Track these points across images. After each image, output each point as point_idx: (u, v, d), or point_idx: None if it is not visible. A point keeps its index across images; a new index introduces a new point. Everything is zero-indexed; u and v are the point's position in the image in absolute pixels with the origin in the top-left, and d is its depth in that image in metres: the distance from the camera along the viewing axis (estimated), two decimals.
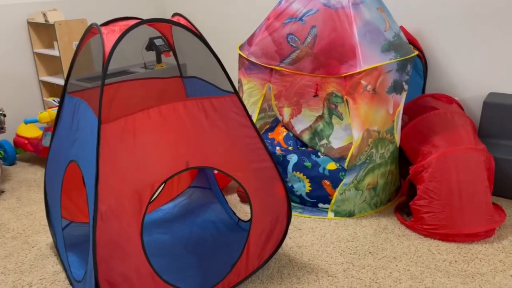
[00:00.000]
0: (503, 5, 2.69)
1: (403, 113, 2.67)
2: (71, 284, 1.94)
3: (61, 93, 1.95)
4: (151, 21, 1.71)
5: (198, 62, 2.29)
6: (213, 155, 1.73)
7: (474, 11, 2.80)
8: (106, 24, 1.76)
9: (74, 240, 2.10)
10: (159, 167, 1.62)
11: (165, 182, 1.63)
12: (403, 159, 2.60)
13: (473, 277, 1.92)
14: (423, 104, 2.69)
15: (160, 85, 2.21)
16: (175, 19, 1.81)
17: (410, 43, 2.84)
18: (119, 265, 1.57)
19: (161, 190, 2.50)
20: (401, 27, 3.02)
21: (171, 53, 2.28)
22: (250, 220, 1.84)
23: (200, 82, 2.07)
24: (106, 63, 1.55)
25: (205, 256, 2.08)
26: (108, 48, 1.55)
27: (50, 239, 2.29)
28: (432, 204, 2.19)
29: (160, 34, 2.13)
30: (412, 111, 2.67)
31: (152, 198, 1.62)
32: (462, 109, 2.79)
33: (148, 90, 2.15)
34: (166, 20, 1.73)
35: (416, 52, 2.44)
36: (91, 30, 1.75)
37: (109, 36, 1.59)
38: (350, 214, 2.45)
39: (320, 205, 2.52)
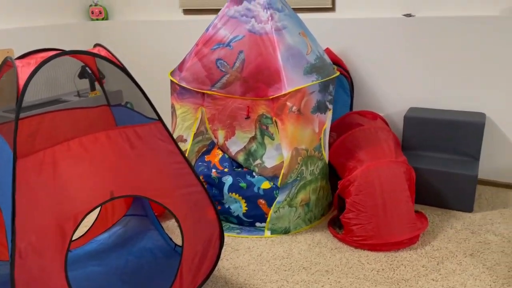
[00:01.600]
0: (416, 26, 2.93)
1: (332, 130, 2.82)
2: None
3: None
4: (70, 53, 1.71)
5: (128, 89, 2.31)
6: (139, 183, 1.74)
7: (393, 34, 3.02)
8: (22, 56, 1.74)
9: (1, 278, 2.01)
10: (81, 198, 1.60)
11: (89, 213, 1.61)
12: (335, 175, 2.72)
13: (398, 284, 2.02)
14: (349, 121, 2.84)
15: (87, 114, 2.19)
16: (96, 49, 1.82)
17: (335, 63, 3.01)
18: None
19: (94, 221, 2.45)
20: (327, 49, 3.19)
21: (104, 80, 2.27)
22: (181, 245, 1.85)
23: (126, 110, 2.08)
24: (20, 97, 1.52)
25: (140, 285, 2.05)
26: (22, 81, 1.53)
27: None
28: (359, 216, 2.30)
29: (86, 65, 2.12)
30: (340, 128, 2.81)
31: (80, 228, 1.59)
32: (387, 124, 2.97)
33: (75, 121, 2.12)
34: (85, 52, 1.74)
35: (338, 73, 2.58)
36: (6, 64, 1.72)
37: (24, 70, 1.57)
38: (286, 231, 2.52)
39: (257, 224, 2.57)
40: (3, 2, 3.57)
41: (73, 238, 2.36)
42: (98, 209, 2.47)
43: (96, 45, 1.86)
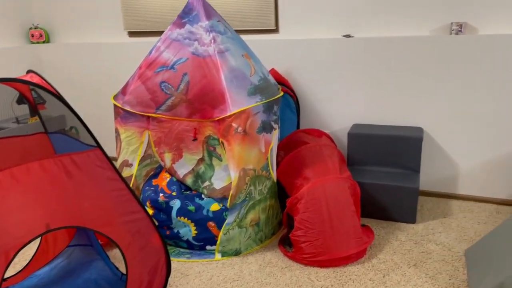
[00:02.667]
0: (355, 47, 3.06)
1: (280, 149, 2.86)
2: None
3: None
4: (1, 81, 1.64)
5: (68, 115, 2.23)
6: (78, 213, 1.67)
7: (334, 54, 3.13)
8: None
9: None
10: (13, 233, 1.51)
11: (22, 248, 1.53)
12: (284, 193, 2.74)
13: None
14: (296, 139, 2.89)
15: (23, 143, 2.09)
16: (28, 76, 1.76)
17: (280, 83, 3.08)
18: None
19: (34, 255, 2.32)
20: (272, 69, 3.26)
21: (45, 105, 2.18)
22: (126, 273, 1.79)
23: (65, 137, 2.01)
24: None
25: None
26: None
27: None
28: (308, 233, 2.33)
29: (31, 87, 2.03)
30: (287, 146, 2.85)
31: (19, 263, 1.50)
32: (332, 141, 3.05)
33: (8, 150, 2.02)
34: (15, 79, 1.68)
35: (282, 93, 2.63)
36: None
37: None
38: (237, 253, 2.50)
39: (208, 247, 2.54)
40: None
41: (11, 274, 2.23)
42: (38, 241, 2.35)
43: (28, 71, 1.79)
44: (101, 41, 3.92)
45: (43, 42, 4.06)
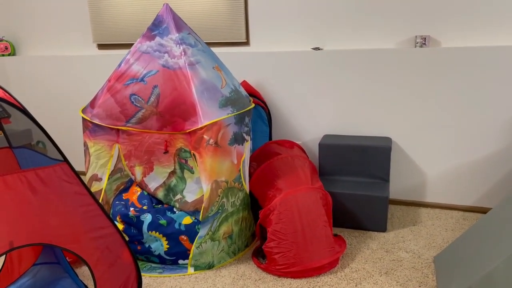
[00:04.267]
0: (325, 59, 3.12)
1: (252, 160, 2.86)
2: None
3: None
4: None
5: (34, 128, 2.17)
6: (43, 230, 1.62)
7: (304, 66, 3.18)
8: None
9: None
10: None
11: None
12: (257, 205, 2.74)
13: None
14: (268, 150, 2.90)
15: None
16: None
17: (252, 95, 3.10)
18: None
19: None
20: (244, 81, 3.28)
21: (10, 119, 2.11)
22: None
23: (30, 151, 1.95)
24: None
25: None
26: None
27: None
28: (280, 244, 2.33)
29: None
30: (260, 157, 2.86)
31: None
32: (304, 151, 3.08)
33: None
34: None
35: (253, 105, 2.65)
36: None
37: None
38: (210, 266, 2.47)
39: (180, 261, 2.50)
40: None
41: None
42: (2, 260, 2.26)
43: None
44: (69, 54, 3.86)
45: (9, 54, 3.96)
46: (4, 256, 2.24)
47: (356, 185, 2.88)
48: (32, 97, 3.99)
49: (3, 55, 3.95)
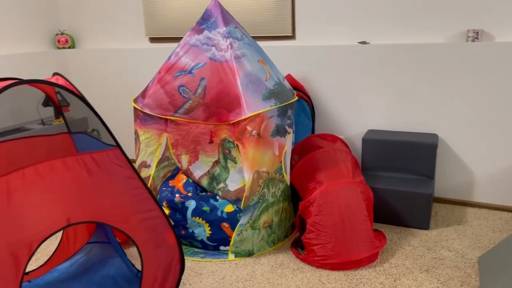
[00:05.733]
0: (371, 53, 3.09)
1: (294, 153, 2.90)
2: None
3: None
4: (28, 82, 1.74)
5: (90, 116, 2.34)
6: (97, 209, 1.75)
7: (350, 60, 3.17)
8: None
9: None
10: (36, 226, 1.60)
11: (44, 240, 1.61)
12: (297, 197, 2.78)
13: None
14: (311, 143, 2.93)
15: (47, 142, 2.20)
16: (54, 78, 1.86)
17: (296, 89, 3.13)
18: None
19: (56, 250, 2.41)
20: (288, 75, 3.31)
21: (69, 107, 2.29)
22: (141, 269, 1.86)
23: (86, 137, 2.10)
24: None
25: None
26: None
27: None
28: (319, 236, 2.36)
29: (57, 90, 2.14)
30: (302, 150, 2.90)
31: (41, 258, 1.58)
32: (347, 146, 3.07)
33: (33, 148, 2.12)
34: (42, 81, 1.77)
35: (296, 98, 2.68)
36: None
37: None
38: (250, 254, 2.55)
39: (222, 247, 2.59)
40: None
41: (33, 268, 2.33)
42: (59, 237, 2.45)
43: (54, 74, 1.89)
44: (123, 47, 4.06)
45: (69, 47, 4.22)
46: (62, 232, 2.43)
47: (400, 182, 2.85)
48: (89, 87, 4.23)
49: (63, 48, 4.22)
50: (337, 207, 2.38)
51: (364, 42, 3.14)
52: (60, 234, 2.58)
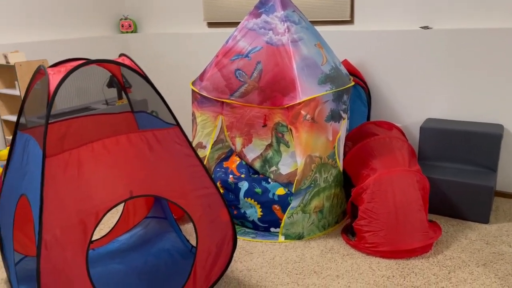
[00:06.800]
0: (434, 38, 2.96)
1: (348, 140, 2.87)
2: None
3: (13, 130, 2.05)
4: (97, 62, 1.85)
5: (151, 97, 2.45)
6: (157, 184, 1.84)
7: (410, 46, 3.06)
8: (54, 65, 1.89)
9: (27, 273, 2.14)
10: (102, 196, 1.71)
11: (109, 210, 1.73)
12: (350, 183, 2.76)
13: None
14: (365, 130, 2.88)
15: (112, 119, 2.34)
16: (120, 59, 1.96)
17: (353, 74, 3.08)
18: None
19: (117, 222, 2.57)
20: (345, 60, 3.26)
21: (131, 89, 2.42)
22: (196, 244, 1.94)
23: (148, 116, 2.21)
24: (50, 101, 1.67)
25: (157, 283, 2.15)
26: (52, 88, 1.68)
27: (4, 274, 2.32)
28: (371, 223, 2.34)
29: (122, 71, 2.26)
30: (356, 137, 2.86)
31: (104, 229, 1.71)
32: (403, 134, 2.99)
33: (100, 125, 2.27)
34: (110, 61, 1.88)
35: (352, 83, 2.64)
36: (39, 72, 1.88)
37: (55, 77, 1.72)
38: (300, 237, 2.57)
39: (272, 229, 2.64)
40: (39, 16, 3.82)
41: (97, 238, 2.50)
42: (121, 210, 2.60)
43: (121, 55, 2.00)
44: (182, 31, 4.17)
45: (131, 32, 4.41)
46: (123, 206, 2.58)
47: (459, 173, 2.73)
48: (148, 70, 4.40)
49: (126, 32, 4.41)
50: (391, 195, 2.33)
51: (426, 27, 3.02)
52: (121, 207, 2.73)
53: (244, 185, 2.64)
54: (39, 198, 1.61)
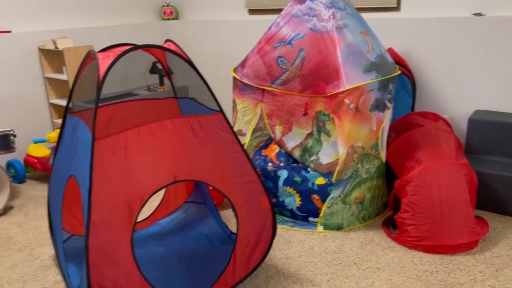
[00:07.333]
0: (487, 26, 2.82)
1: (391, 130, 2.79)
2: None
3: (63, 113, 2.12)
4: (144, 47, 1.87)
5: (194, 83, 2.46)
6: (200, 169, 1.86)
7: (461, 34, 2.92)
8: (103, 50, 1.93)
9: (74, 251, 2.23)
10: (148, 180, 1.75)
11: (154, 194, 1.76)
12: (392, 175, 2.69)
13: (452, 287, 1.98)
14: (410, 121, 2.79)
15: (156, 105, 2.37)
16: (166, 45, 1.98)
17: (398, 63, 2.98)
18: (110, 271, 1.68)
19: (158, 206, 2.63)
20: (389, 49, 3.16)
21: (173, 76, 2.45)
22: (236, 231, 1.95)
23: (192, 102, 2.22)
24: (100, 85, 1.71)
25: (196, 267, 2.19)
26: (102, 72, 1.72)
27: (52, 251, 2.42)
28: (415, 216, 2.27)
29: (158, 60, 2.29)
30: (400, 128, 2.77)
31: (145, 212, 1.74)
32: (450, 126, 2.88)
33: (145, 110, 2.30)
34: (156, 46, 1.89)
35: (399, 72, 2.56)
36: (89, 56, 1.92)
37: (104, 61, 1.76)
38: (339, 228, 2.54)
39: (311, 218, 2.62)
40: (85, 3, 3.92)
41: (138, 220, 2.56)
42: (162, 194, 2.65)
43: (166, 40, 2.01)
44: (222, 18, 4.17)
45: (173, 18, 4.45)
46: (164, 190, 2.63)
47: (509, 167, 2.60)
48: (190, 57, 4.43)
49: (168, 19, 4.46)
50: (436, 188, 2.26)
51: (479, 14, 2.87)
52: (163, 191, 2.79)
53: (283, 174, 2.63)
54: (88, 180, 1.65)
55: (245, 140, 2.83)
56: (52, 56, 3.62)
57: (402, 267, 2.14)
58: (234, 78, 2.81)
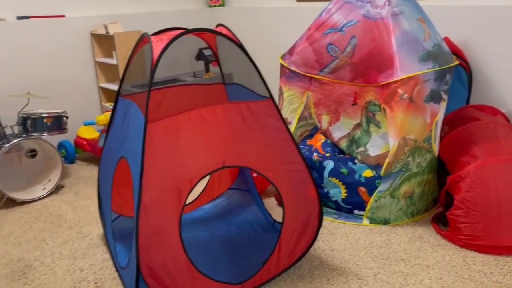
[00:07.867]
0: None
1: (444, 124, 2.66)
2: (117, 270, 2.12)
3: (115, 96, 2.15)
4: (196, 31, 1.87)
5: (241, 69, 2.44)
6: (248, 155, 1.84)
7: None
8: (156, 34, 1.94)
9: (122, 231, 2.29)
10: (197, 164, 1.75)
11: (202, 178, 1.76)
12: (444, 170, 2.58)
13: None
14: (465, 115, 2.66)
15: (204, 90, 2.37)
16: (218, 29, 1.96)
17: (454, 53, 2.83)
18: (158, 253, 1.71)
19: (202, 191, 2.65)
20: (445, 38, 3.00)
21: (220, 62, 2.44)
22: (282, 220, 1.93)
23: (240, 88, 2.20)
24: (154, 67, 1.72)
25: (239, 253, 2.18)
26: (156, 55, 1.72)
27: (101, 230, 2.50)
28: (469, 214, 2.17)
29: (208, 45, 2.29)
30: (454, 121, 2.64)
31: (189, 197, 1.75)
32: (509, 121, 2.72)
33: (193, 95, 2.32)
34: (209, 29, 1.88)
35: (457, 62, 2.43)
36: (143, 39, 1.94)
37: (158, 44, 1.76)
38: (385, 222, 2.47)
39: (356, 211, 2.56)
40: None
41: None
42: (206, 180, 2.67)
43: (218, 25, 2.00)
44: (269, 6, 4.11)
45: (220, 5, 4.44)
46: (209, 175, 2.64)
47: None
48: None
49: (215, 6, 4.45)
50: (494, 185, 2.14)
51: None
52: (208, 176, 2.81)
53: (329, 164, 2.58)
54: (139, 162, 1.67)
55: (291, 128, 2.78)
56: (103, 41, 3.71)
57: (453, 266, 2.05)
58: (282, 65, 2.76)
